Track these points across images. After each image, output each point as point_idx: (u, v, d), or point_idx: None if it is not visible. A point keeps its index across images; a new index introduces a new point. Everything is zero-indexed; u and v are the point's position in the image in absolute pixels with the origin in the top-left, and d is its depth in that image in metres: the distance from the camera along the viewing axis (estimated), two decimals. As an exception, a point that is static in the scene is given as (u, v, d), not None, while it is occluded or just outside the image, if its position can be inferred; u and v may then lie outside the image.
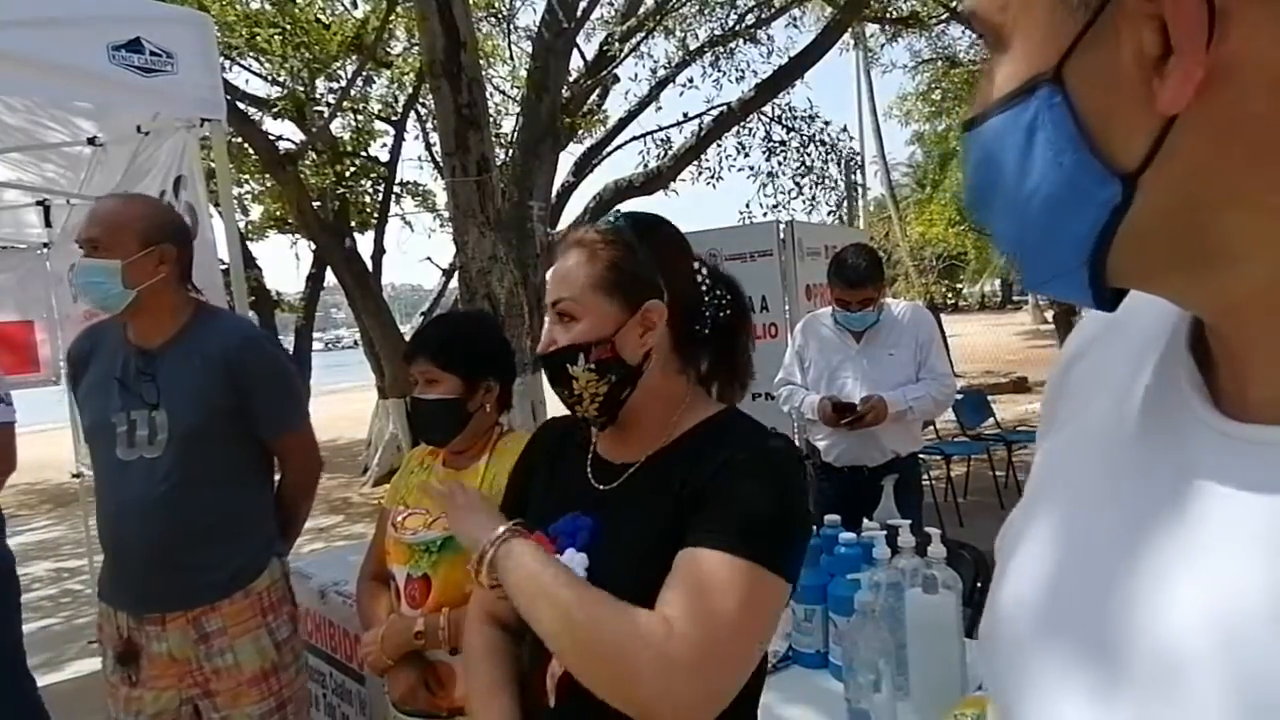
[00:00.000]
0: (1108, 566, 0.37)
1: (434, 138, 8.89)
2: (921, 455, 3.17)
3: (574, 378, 0.97)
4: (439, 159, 7.49)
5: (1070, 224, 0.34)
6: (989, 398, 6.96)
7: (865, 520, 1.71)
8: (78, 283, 1.69)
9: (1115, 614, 0.36)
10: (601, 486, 1.02)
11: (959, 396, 5.57)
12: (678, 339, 1.00)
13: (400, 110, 8.69)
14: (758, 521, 0.89)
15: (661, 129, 8.89)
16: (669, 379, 1.01)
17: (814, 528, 1.71)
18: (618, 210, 1.09)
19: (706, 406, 1.02)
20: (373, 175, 8.85)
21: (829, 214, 9.41)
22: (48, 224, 3.70)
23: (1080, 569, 0.39)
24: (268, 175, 8.00)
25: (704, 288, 1.02)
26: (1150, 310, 0.42)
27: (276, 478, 1.87)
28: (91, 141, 2.98)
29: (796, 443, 3.95)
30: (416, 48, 7.21)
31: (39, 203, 3.61)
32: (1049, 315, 12.69)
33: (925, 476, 4.31)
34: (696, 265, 1.02)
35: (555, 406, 1.11)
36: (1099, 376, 0.46)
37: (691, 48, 8.56)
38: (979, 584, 1.88)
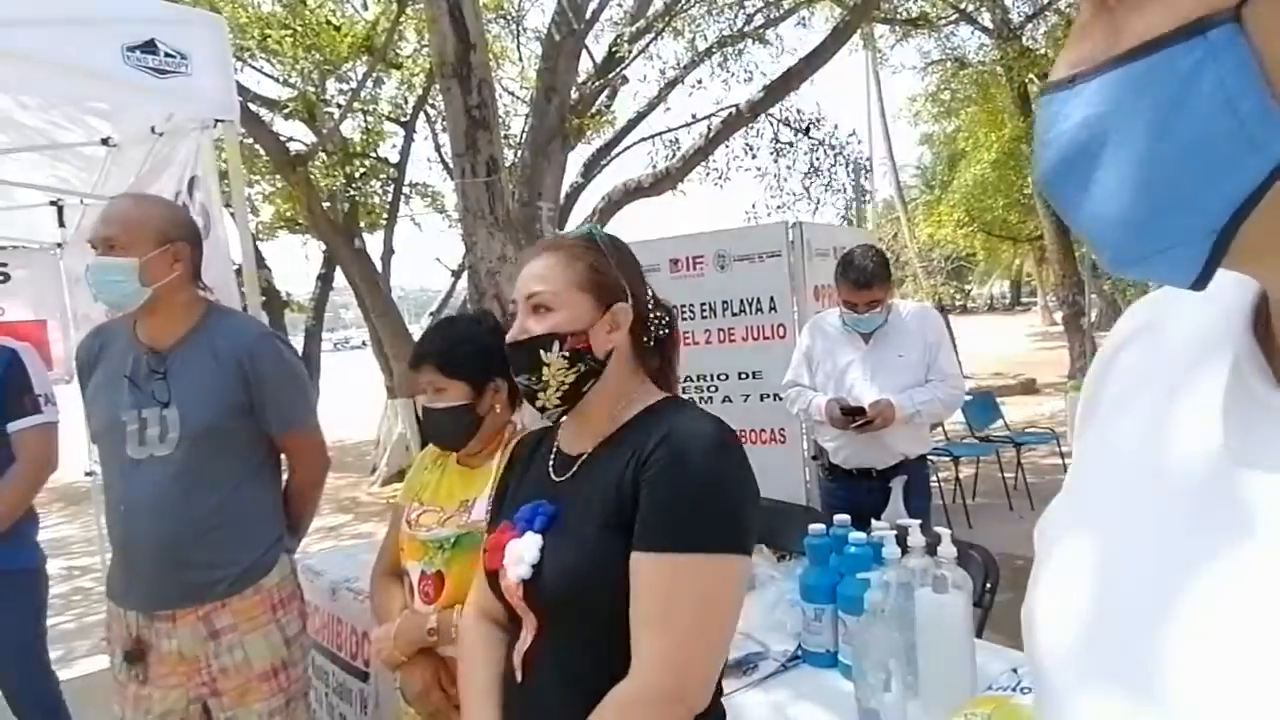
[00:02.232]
0: (1152, 598, 0.36)
1: (443, 139, 8.92)
2: (930, 457, 3.16)
3: (545, 364, 1.05)
4: (448, 160, 7.52)
5: (1222, 182, 0.32)
6: (998, 399, 6.94)
7: (874, 521, 1.71)
8: (93, 281, 1.69)
9: (1161, 656, 0.35)
10: (559, 478, 1.09)
11: (967, 398, 5.55)
12: (634, 345, 1.10)
13: (410, 111, 8.72)
14: (686, 509, 0.95)
15: (670, 130, 8.91)
16: (623, 378, 1.09)
17: (825, 526, 1.72)
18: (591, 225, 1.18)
19: (648, 396, 1.10)
20: (382, 176, 8.88)
21: (836, 215, 9.41)
22: (61, 224, 3.73)
23: (1122, 598, 0.39)
24: (278, 176, 8.05)
25: (649, 305, 1.12)
26: (1191, 312, 0.42)
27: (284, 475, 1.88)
28: (105, 142, 3.00)
29: (805, 444, 3.97)
30: (426, 49, 7.24)
31: (53, 203, 3.64)
32: (1058, 317, 12.62)
33: (934, 478, 4.30)
34: (648, 288, 1.13)
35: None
36: (1143, 374, 0.46)
37: (700, 49, 8.57)
38: (988, 585, 1.87)
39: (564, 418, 1.13)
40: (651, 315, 1.11)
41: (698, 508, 0.94)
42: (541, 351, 1.04)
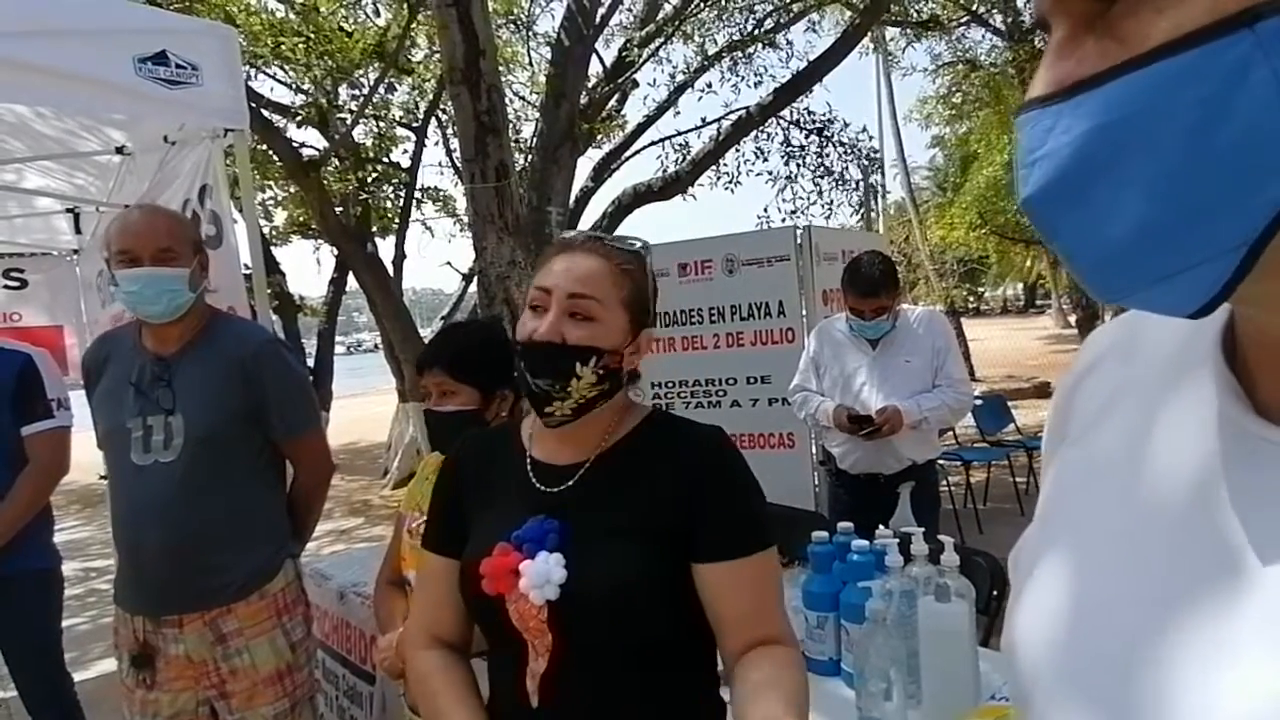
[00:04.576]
0: (1138, 622, 0.36)
1: (454, 144, 8.97)
2: (941, 461, 3.14)
3: (578, 376, 0.99)
4: (459, 165, 7.55)
5: (1268, 184, 0.29)
6: (1010, 403, 6.88)
7: (880, 527, 1.70)
8: (148, 291, 1.69)
9: (1149, 684, 0.34)
10: (552, 489, 1.03)
11: (978, 402, 5.52)
12: (636, 368, 1.10)
13: (421, 117, 8.77)
14: (749, 517, 1.03)
15: (680, 134, 8.91)
16: (624, 397, 1.09)
17: (828, 533, 1.71)
18: (631, 238, 1.15)
19: (639, 409, 1.11)
20: (394, 181, 8.94)
21: (851, 214, 9.38)
22: (78, 231, 3.78)
23: (1107, 621, 0.38)
24: (291, 181, 8.12)
25: None
26: (1165, 331, 0.42)
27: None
28: (120, 150, 3.04)
29: (813, 449, 3.95)
30: (437, 55, 7.28)
31: (69, 210, 3.69)
32: (1072, 319, 12.54)
33: (944, 483, 4.27)
34: None
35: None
36: (1116, 392, 0.45)
37: (710, 53, 8.57)
38: (994, 592, 1.86)
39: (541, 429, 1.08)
40: None
41: (756, 512, 1.03)
42: (578, 363, 0.99)
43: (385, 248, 8.55)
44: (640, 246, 1.08)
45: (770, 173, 9.26)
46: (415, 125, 8.82)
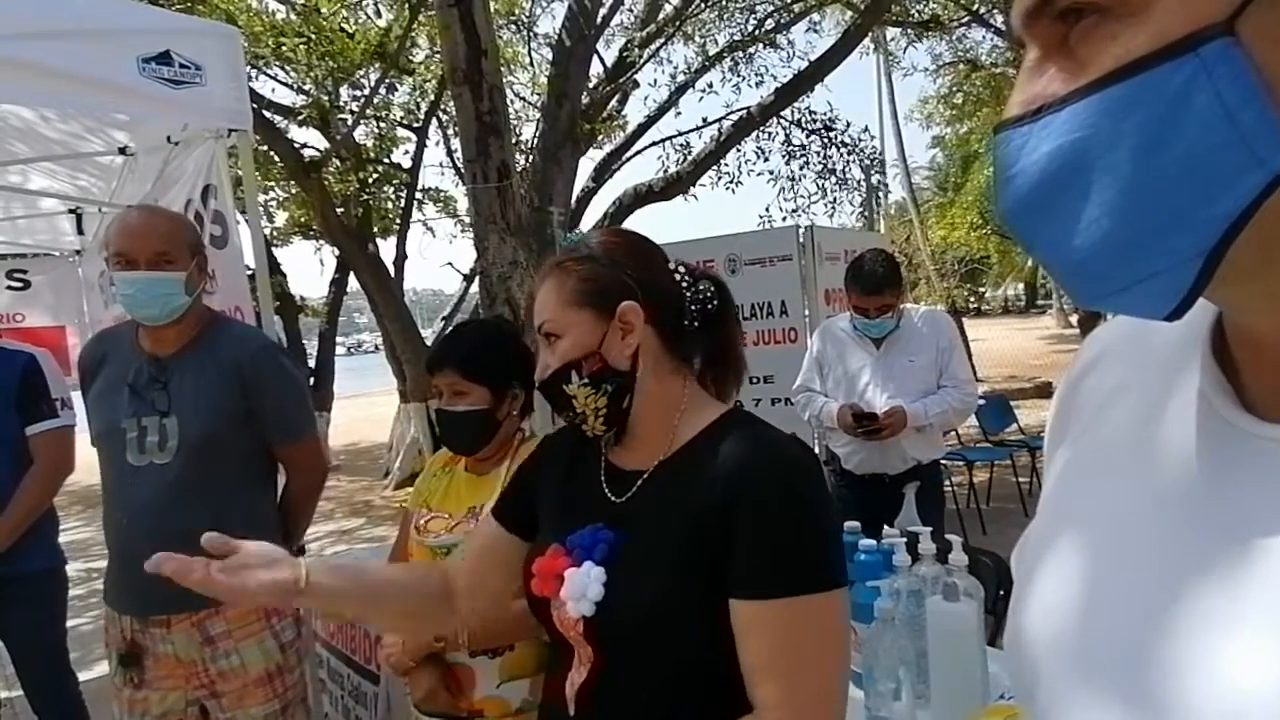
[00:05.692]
0: (1144, 606, 0.37)
1: (455, 144, 8.98)
2: (944, 461, 3.14)
3: (573, 397, 0.97)
4: (460, 165, 7.54)
5: (1217, 198, 0.31)
6: (1013, 403, 6.89)
7: (886, 528, 1.70)
8: (142, 295, 1.68)
9: (1158, 663, 0.35)
10: (616, 499, 1.00)
11: (981, 402, 5.52)
12: (665, 337, 0.99)
13: (422, 117, 8.77)
14: (793, 550, 0.88)
15: (681, 134, 8.91)
16: (664, 381, 1.00)
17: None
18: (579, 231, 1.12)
19: (709, 410, 1.00)
20: (395, 182, 8.93)
21: (853, 214, 9.38)
22: (80, 231, 3.78)
23: (1112, 606, 0.39)
24: (293, 182, 8.12)
25: (684, 284, 1.01)
26: (1164, 326, 0.43)
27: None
28: (123, 151, 3.04)
29: (817, 449, 3.95)
30: (439, 55, 7.29)
31: (72, 211, 3.69)
32: (1074, 319, 12.55)
33: (947, 483, 4.27)
34: (672, 265, 1.03)
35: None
36: (1116, 389, 0.46)
37: (711, 53, 8.58)
38: (1001, 592, 1.86)
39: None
40: (688, 292, 1.01)
41: (803, 548, 0.88)
42: (564, 386, 0.97)
43: (386, 248, 8.57)
44: (571, 241, 1.04)
45: (771, 172, 9.27)
46: (416, 126, 8.82)
